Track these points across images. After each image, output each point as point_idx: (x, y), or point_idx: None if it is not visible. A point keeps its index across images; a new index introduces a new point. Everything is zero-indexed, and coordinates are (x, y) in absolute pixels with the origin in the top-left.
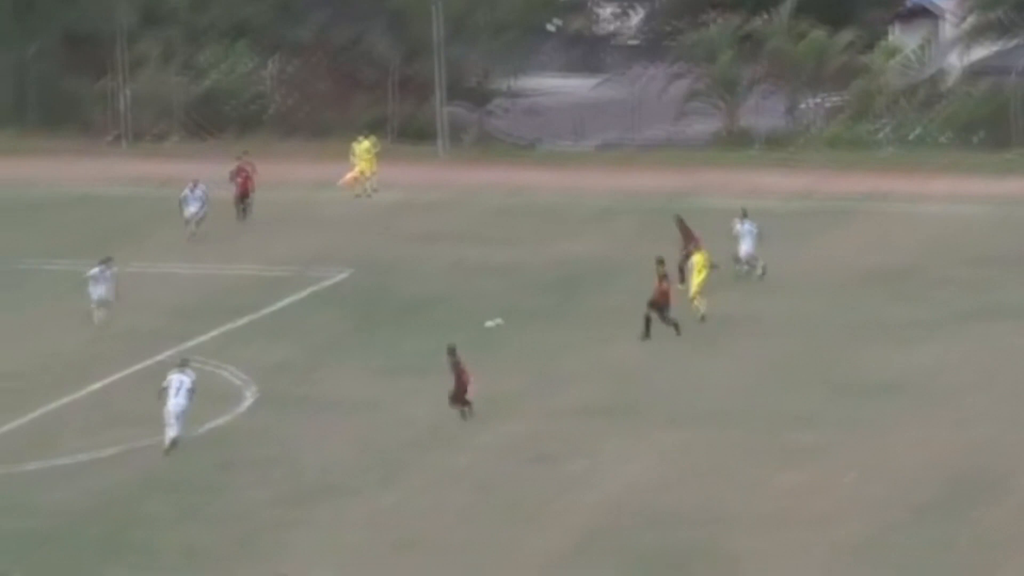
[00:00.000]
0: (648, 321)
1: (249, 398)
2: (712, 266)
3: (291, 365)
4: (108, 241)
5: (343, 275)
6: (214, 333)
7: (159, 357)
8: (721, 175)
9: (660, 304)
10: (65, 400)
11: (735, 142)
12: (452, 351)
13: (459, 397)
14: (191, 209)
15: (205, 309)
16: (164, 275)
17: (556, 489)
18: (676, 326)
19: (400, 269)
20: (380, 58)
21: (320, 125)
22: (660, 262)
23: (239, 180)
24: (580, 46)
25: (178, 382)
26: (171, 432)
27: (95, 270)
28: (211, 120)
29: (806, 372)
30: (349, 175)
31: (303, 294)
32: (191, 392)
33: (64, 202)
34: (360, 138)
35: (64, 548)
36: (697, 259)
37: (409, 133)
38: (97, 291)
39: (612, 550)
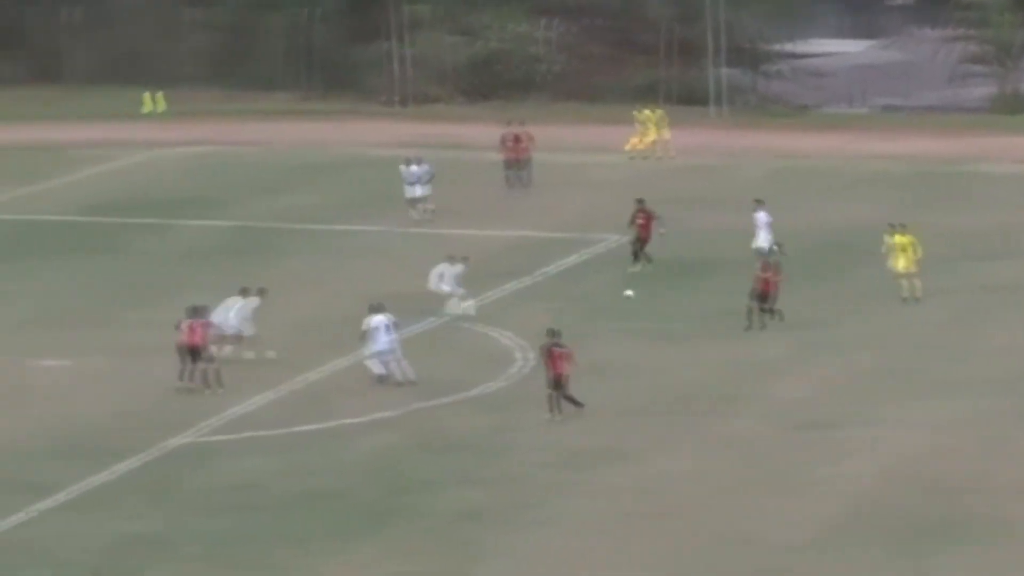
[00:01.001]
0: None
1: (521, 361)
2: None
3: (562, 329)
4: (382, 203)
5: (615, 239)
6: (488, 297)
7: (434, 319)
8: (998, 141)
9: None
10: (340, 362)
11: (1013, 106)
12: (553, 333)
13: (557, 384)
14: (416, 191)
15: (479, 272)
16: (434, 236)
17: (827, 457)
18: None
19: (670, 234)
20: (653, 21)
21: (593, 88)
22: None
23: (509, 145)
24: (854, 9)
25: (381, 322)
26: (380, 369)
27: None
28: (485, 83)
29: None
30: (636, 139)
31: (576, 258)
32: (397, 326)
33: (341, 163)
34: (644, 108)
35: (340, 509)
36: (906, 239)
37: (682, 96)
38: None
39: (885, 519)
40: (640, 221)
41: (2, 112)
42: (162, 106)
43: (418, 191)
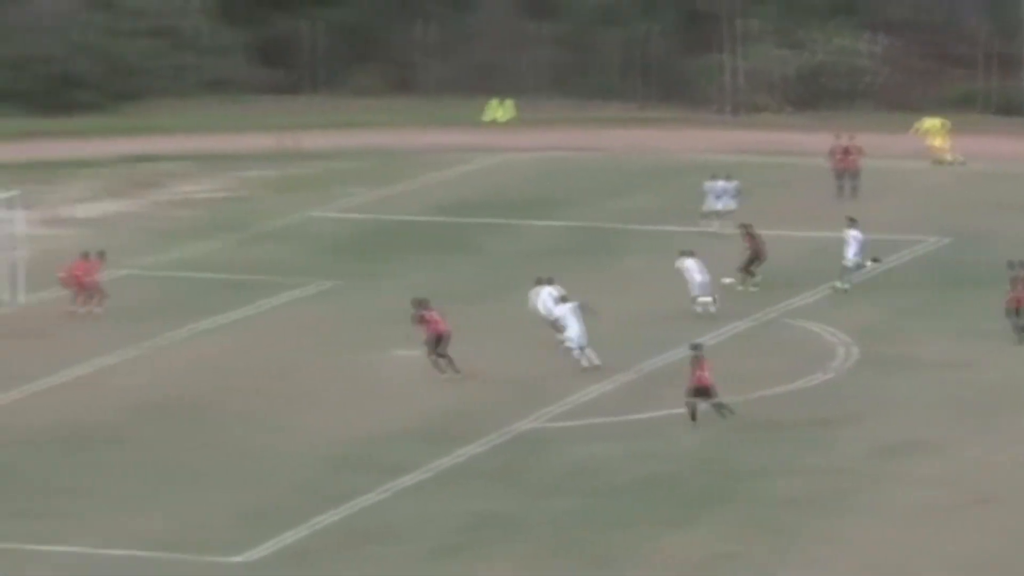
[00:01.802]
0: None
1: (842, 356)
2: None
3: (880, 325)
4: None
5: (933, 240)
6: (811, 294)
7: (758, 316)
8: None
9: None
10: (671, 355)
11: None
12: (695, 347)
13: (698, 391)
14: (719, 204)
15: (801, 272)
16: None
17: None
18: None
19: (990, 238)
20: (971, 34)
21: (913, 99)
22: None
23: (838, 157)
24: None
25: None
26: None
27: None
28: (811, 93)
29: None
30: (935, 146)
31: (896, 258)
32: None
33: (675, 169)
34: (926, 118)
35: (673, 494)
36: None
37: (999, 107)
38: None
39: None
40: (746, 243)
41: (362, 119)
42: (510, 114)
43: (720, 205)
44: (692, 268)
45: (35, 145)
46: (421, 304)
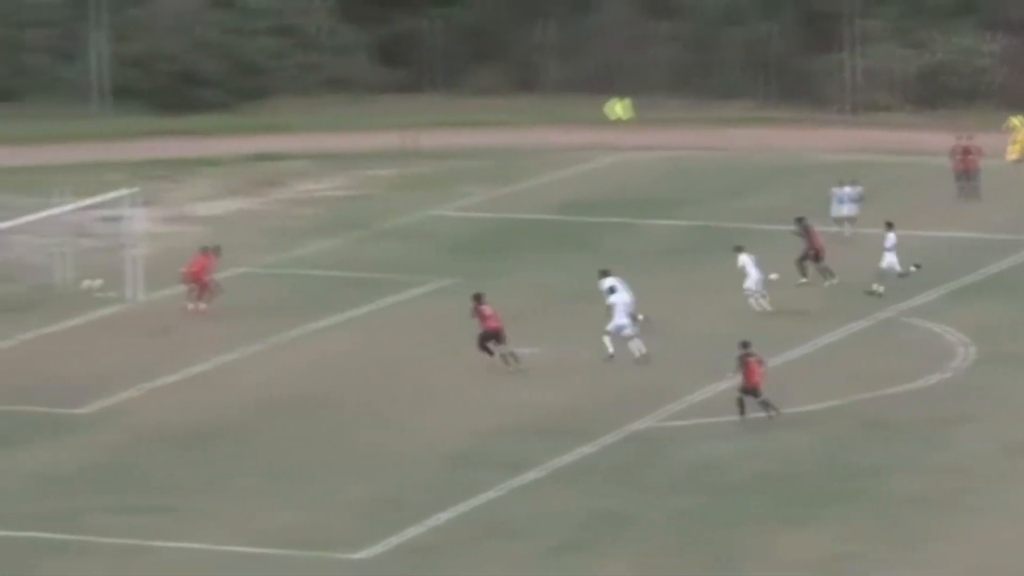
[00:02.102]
0: None
1: (963, 355)
2: None
3: (1004, 325)
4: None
5: None
6: (930, 294)
7: (877, 315)
8: None
9: None
10: (790, 354)
11: None
12: (745, 345)
13: (747, 389)
14: (844, 210)
15: (921, 272)
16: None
17: None
18: None
19: None
20: None
21: None
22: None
23: (958, 158)
24: None
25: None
26: (611, 348)
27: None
28: (931, 92)
29: None
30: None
31: (1016, 258)
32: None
33: (796, 168)
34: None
35: (791, 492)
36: None
37: None
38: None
39: None
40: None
41: (482, 118)
42: (629, 113)
43: (845, 210)
44: (749, 263)
45: (158, 143)
46: (478, 299)
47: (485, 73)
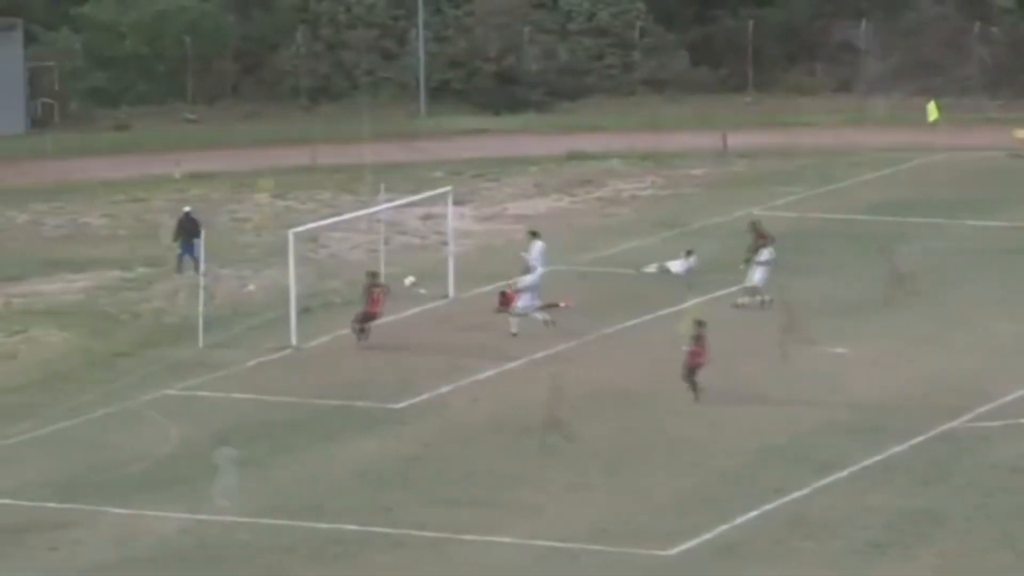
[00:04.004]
0: None
1: None
2: None
3: None
4: None
5: None
6: None
7: None
8: None
9: None
10: None
11: None
12: (700, 323)
13: (687, 374)
14: None
15: None
16: None
17: None
18: None
19: None
20: None
21: None
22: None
23: None
24: None
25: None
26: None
27: None
28: None
29: None
30: None
31: None
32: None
33: None
34: None
35: None
36: None
37: None
38: None
39: None
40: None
41: (798, 118)
42: (941, 114)
43: None
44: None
45: (476, 142)
46: (373, 276)
47: (802, 73)
